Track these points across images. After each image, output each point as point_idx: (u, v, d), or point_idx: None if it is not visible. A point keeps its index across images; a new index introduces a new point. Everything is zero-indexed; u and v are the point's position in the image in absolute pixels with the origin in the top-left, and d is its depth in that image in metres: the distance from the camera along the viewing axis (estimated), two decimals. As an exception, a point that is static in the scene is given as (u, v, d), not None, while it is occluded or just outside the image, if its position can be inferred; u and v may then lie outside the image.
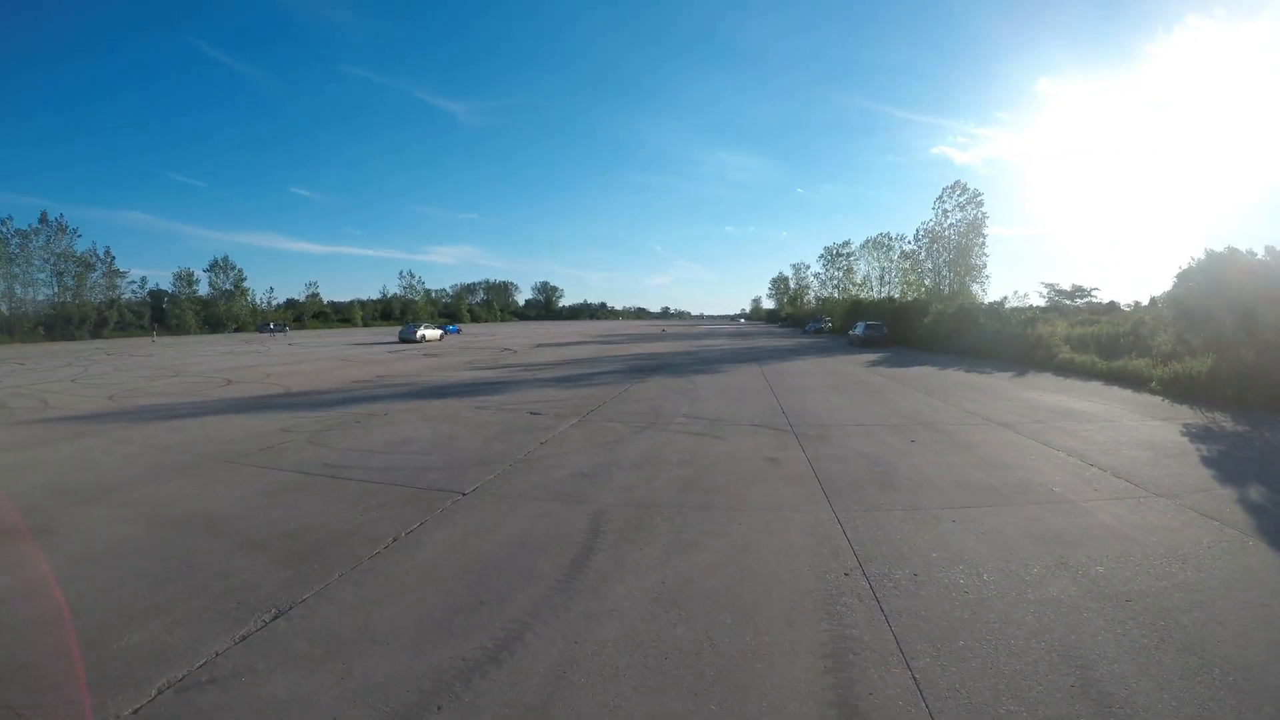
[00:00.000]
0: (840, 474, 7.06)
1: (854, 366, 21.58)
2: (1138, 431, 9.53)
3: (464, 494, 6.24)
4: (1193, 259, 15.44)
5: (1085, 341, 21.23)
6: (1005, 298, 39.61)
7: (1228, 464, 7.47)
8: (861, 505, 5.91)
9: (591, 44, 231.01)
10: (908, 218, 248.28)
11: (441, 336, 48.77)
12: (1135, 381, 15.26)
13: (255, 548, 4.81)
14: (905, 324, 35.57)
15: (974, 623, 3.59)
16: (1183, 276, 16.01)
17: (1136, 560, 4.52)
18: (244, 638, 3.43)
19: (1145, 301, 40.30)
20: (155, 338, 63.38)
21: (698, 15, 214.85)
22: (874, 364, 22.58)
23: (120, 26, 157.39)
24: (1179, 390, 13.40)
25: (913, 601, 3.88)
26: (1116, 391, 14.22)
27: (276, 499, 6.12)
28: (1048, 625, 3.55)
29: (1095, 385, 15.41)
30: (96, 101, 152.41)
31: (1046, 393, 14.16)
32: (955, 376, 18.08)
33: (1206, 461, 7.65)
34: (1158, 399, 12.94)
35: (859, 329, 35.83)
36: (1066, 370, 18.77)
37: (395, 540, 4.93)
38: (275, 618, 3.65)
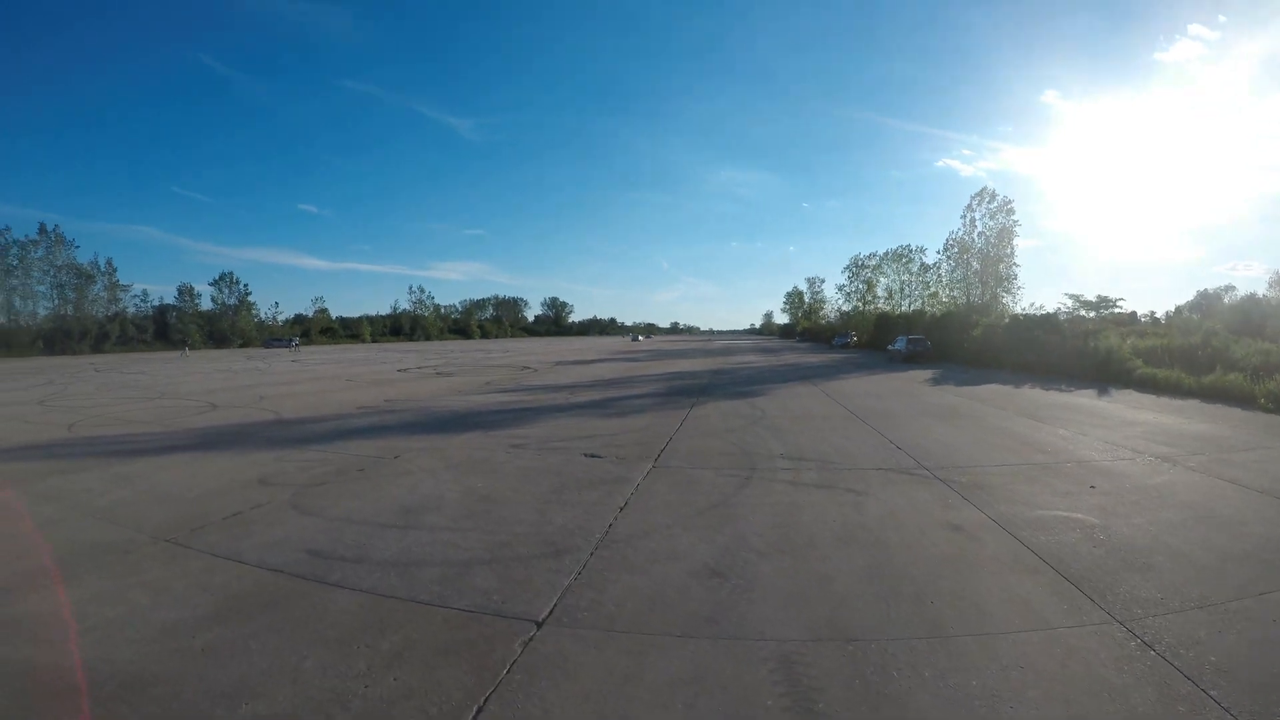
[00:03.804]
0: (1064, 551, 4.91)
1: (916, 385, 19.14)
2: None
3: (538, 624, 3.74)
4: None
5: (1156, 354, 19.86)
6: (1031, 308, 36.99)
7: None
8: (1141, 606, 3.94)
9: (596, 61, 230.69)
10: (914, 231, 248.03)
11: (644, 339, 68.79)
12: (1237, 399, 13.91)
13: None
14: (946, 338, 33.45)
15: None
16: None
17: None
18: None
19: (1168, 311, 37.69)
20: (188, 352, 60.54)
21: (702, 32, 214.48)
22: (935, 382, 20.19)
23: (125, 41, 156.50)
24: (1295, 408, 12.14)
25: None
26: (1224, 410, 12.75)
27: (227, 635, 3.65)
28: None
29: (1194, 403, 13.93)
30: (102, 115, 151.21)
31: (1159, 413, 12.47)
32: (1037, 395, 15.97)
33: None
34: (1277, 418, 11.61)
35: (900, 344, 33.35)
36: (1148, 386, 17.34)
37: (435, 775, 2.48)
38: None
